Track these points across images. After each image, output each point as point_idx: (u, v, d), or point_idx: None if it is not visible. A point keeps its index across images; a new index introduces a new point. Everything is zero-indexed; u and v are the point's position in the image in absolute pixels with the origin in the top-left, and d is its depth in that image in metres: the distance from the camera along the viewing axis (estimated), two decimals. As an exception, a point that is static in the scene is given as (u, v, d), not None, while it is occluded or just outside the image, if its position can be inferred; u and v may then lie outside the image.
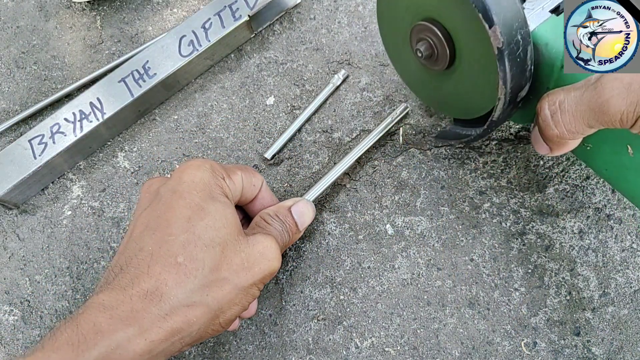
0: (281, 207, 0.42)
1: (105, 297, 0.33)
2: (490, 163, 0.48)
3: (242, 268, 0.36)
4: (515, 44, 0.32)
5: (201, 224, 0.35)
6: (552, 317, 0.44)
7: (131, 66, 0.50)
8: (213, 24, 0.51)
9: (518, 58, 0.33)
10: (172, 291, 0.33)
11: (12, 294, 0.49)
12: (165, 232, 0.35)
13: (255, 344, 0.46)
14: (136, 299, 0.32)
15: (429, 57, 0.38)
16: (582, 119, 0.32)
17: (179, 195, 0.36)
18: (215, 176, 0.38)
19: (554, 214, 0.46)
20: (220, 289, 0.35)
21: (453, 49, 0.37)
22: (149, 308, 0.32)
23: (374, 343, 0.45)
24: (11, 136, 0.53)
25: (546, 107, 0.34)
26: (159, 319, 0.33)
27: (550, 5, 0.35)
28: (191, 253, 0.34)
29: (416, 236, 0.47)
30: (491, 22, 0.31)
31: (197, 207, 0.36)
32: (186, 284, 0.34)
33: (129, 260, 0.35)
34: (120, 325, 0.32)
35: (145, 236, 0.35)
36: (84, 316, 0.32)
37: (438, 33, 0.36)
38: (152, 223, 0.36)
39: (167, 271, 0.33)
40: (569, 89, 0.33)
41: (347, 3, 0.53)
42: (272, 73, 0.52)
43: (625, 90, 0.30)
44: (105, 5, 0.56)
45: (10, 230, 0.51)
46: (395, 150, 0.49)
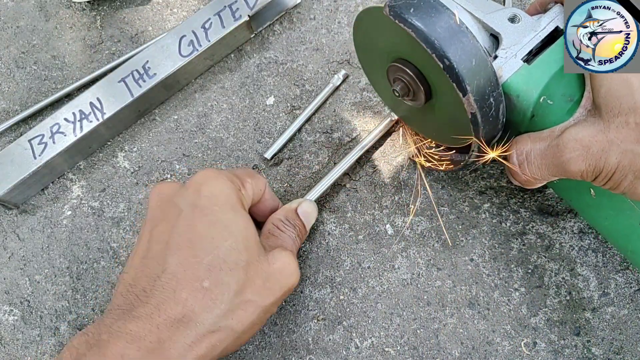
0: (289, 210, 0.42)
1: (132, 327, 0.32)
2: (490, 163, 0.48)
3: (264, 288, 0.36)
4: (488, 107, 0.33)
5: (225, 245, 0.35)
6: (552, 317, 0.44)
7: (131, 66, 0.50)
8: (213, 24, 0.51)
9: (490, 117, 0.34)
10: (199, 318, 0.33)
11: (12, 293, 0.49)
12: (189, 254, 0.34)
13: (255, 344, 0.46)
14: (163, 327, 0.32)
15: (406, 95, 0.38)
16: (547, 171, 0.35)
17: (200, 211, 0.36)
18: (233, 188, 0.38)
19: (553, 214, 0.46)
20: (245, 311, 0.35)
21: (428, 86, 0.37)
22: (176, 337, 0.32)
23: (374, 343, 0.45)
24: (11, 136, 0.53)
25: (514, 157, 0.36)
26: (185, 348, 0.32)
27: (523, 52, 0.35)
28: (217, 277, 0.34)
29: (416, 236, 0.47)
30: (465, 91, 0.32)
31: (220, 226, 0.35)
32: (213, 310, 0.33)
33: (152, 282, 0.34)
34: (149, 357, 0.31)
35: (168, 256, 0.34)
36: (111, 346, 0.31)
37: (411, 74, 0.36)
38: (173, 241, 0.35)
39: (193, 297, 0.33)
40: (536, 138, 0.35)
41: (347, 3, 0.53)
42: (272, 73, 0.52)
43: (585, 152, 0.32)
44: (105, 5, 0.56)
45: (10, 230, 0.51)
46: (395, 150, 0.49)
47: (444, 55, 0.31)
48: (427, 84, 0.36)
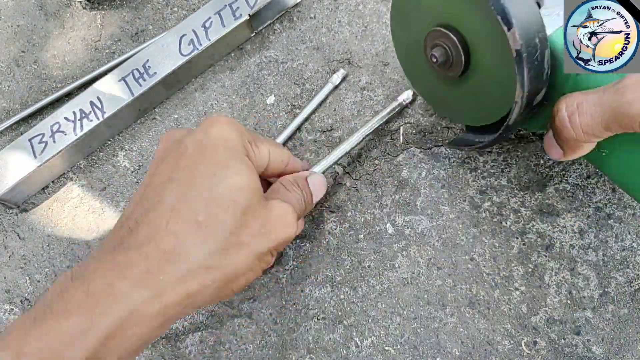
0: (299, 177, 0.42)
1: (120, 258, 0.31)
2: (491, 162, 0.48)
3: (259, 233, 0.35)
4: (533, 47, 0.32)
5: (225, 182, 0.34)
6: (552, 316, 0.44)
7: (131, 65, 0.50)
8: (213, 23, 0.51)
9: (536, 61, 0.33)
10: (190, 252, 0.32)
11: (13, 293, 0.49)
12: (187, 187, 0.33)
13: (255, 343, 0.46)
14: (152, 258, 0.31)
15: (444, 63, 0.38)
16: (601, 121, 0.32)
17: (205, 148, 0.35)
18: (242, 137, 0.37)
19: (554, 213, 0.46)
20: (238, 254, 0.34)
21: (468, 55, 0.37)
22: (166, 269, 0.31)
23: (374, 342, 0.45)
24: (11, 135, 0.53)
25: (564, 108, 0.33)
26: (175, 281, 0.31)
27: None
28: (213, 212, 0.33)
29: (416, 235, 0.47)
30: (510, 24, 0.31)
31: (222, 164, 0.34)
32: (205, 245, 0.32)
33: (146, 212, 0.33)
34: (136, 287, 0.30)
35: (167, 189, 0.33)
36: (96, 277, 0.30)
37: (454, 38, 0.36)
38: (174, 175, 0.34)
39: (187, 230, 0.32)
40: (587, 92, 0.33)
41: (347, 2, 0.53)
42: (273, 72, 0.52)
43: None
44: (105, 4, 0.56)
45: (10, 229, 0.51)
46: (395, 149, 0.49)
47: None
48: (467, 53, 0.36)
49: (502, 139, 0.40)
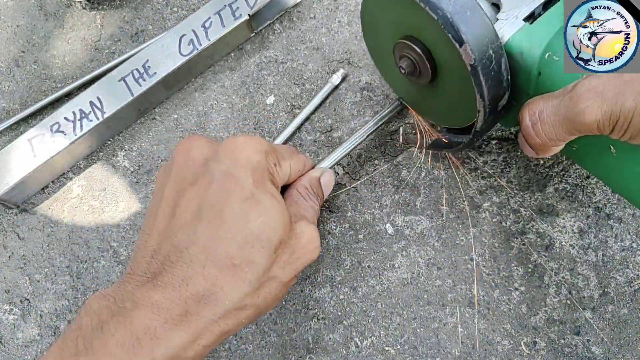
0: (313, 178, 0.42)
1: (158, 297, 0.31)
2: (490, 162, 0.48)
3: (288, 263, 0.35)
4: (488, 59, 0.33)
5: (259, 221, 0.34)
6: (552, 317, 0.44)
7: (131, 65, 0.50)
8: (213, 23, 0.51)
9: (492, 71, 0.34)
10: (227, 295, 0.32)
11: (12, 293, 0.49)
12: (220, 228, 0.33)
13: (255, 343, 0.46)
14: (190, 302, 0.31)
15: (412, 73, 0.39)
16: (561, 128, 0.33)
17: (235, 181, 0.34)
18: (268, 162, 0.36)
19: (554, 213, 0.46)
20: (269, 288, 0.34)
21: (434, 64, 0.37)
22: (203, 312, 0.31)
23: (374, 342, 0.45)
24: (11, 135, 0.53)
25: (527, 117, 0.35)
26: (211, 323, 0.32)
27: (524, 13, 0.36)
28: (248, 255, 0.33)
29: (416, 235, 0.47)
30: (461, 41, 0.32)
31: (253, 200, 0.34)
32: (241, 288, 0.33)
33: (180, 253, 0.32)
34: (175, 330, 0.31)
35: (198, 228, 0.33)
36: (136, 316, 0.30)
37: (418, 50, 0.37)
38: (204, 212, 0.33)
39: (223, 274, 0.32)
40: (548, 97, 0.34)
41: (347, 2, 0.53)
42: (272, 72, 0.52)
43: (600, 99, 0.31)
44: (105, 4, 0.56)
45: (10, 230, 0.51)
46: (395, 149, 0.49)
47: (437, 7, 0.32)
48: (433, 62, 0.37)
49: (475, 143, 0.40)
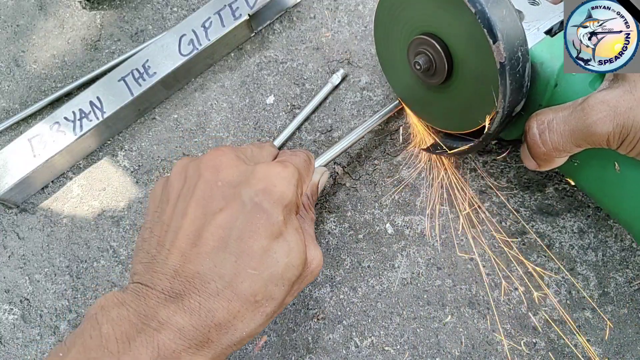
0: (313, 186, 0.42)
1: (184, 323, 0.32)
2: (491, 162, 0.48)
3: (297, 290, 0.37)
4: (516, 60, 0.33)
5: (285, 261, 0.34)
6: (552, 316, 0.44)
7: (131, 65, 0.50)
8: (213, 23, 0.51)
9: (517, 74, 0.34)
10: (245, 327, 0.34)
11: (12, 292, 0.49)
12: (248, 265, 0.33)
13: (255, 343, 0.46)
14: (213, 331, 0.33)
15: (427, 71, 0.39)
16: (569, 138, 0.34)
17: (267, 217, 0.34)
18: (297, 193, 0.36)
19: (554, 213, 0.46)
20: (278, 312, 0.36)
21: (451, 63, 0.37)
22: (222, 340, 0.33)
23: (374, 342, 0.45)
24: (11, 135, 0.53)
25: (534, 125, 0.35)
26: (227, 348, 0.34)
27: (545, 27, 0.36)
28: (270, 293, 0.34)
29: (416, 235, 0.47)
30: (495, 37, 0.32)
31: (281, 239, 0.34)
32: (259, 321, 0.34)
33: (206, 284, 0.33)
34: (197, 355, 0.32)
35: (226, 260, 0.33)
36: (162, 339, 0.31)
37: (437, 46, 0.37)
38: (232, 243, 0.34)
39: (245, 308, 0.33)
40: (557, 109, 0.34)
41: (347, 2, 0.53)
42: (272, 72, 0.52)
43: (612, 112, 0.31)
44: (105, 4, 0.56)
45: (10, 229, 0.51)
46: (395, 149, 0.49)
47: (476, 1, 0.32)
48: (450, 59, 0.37)
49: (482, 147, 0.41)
